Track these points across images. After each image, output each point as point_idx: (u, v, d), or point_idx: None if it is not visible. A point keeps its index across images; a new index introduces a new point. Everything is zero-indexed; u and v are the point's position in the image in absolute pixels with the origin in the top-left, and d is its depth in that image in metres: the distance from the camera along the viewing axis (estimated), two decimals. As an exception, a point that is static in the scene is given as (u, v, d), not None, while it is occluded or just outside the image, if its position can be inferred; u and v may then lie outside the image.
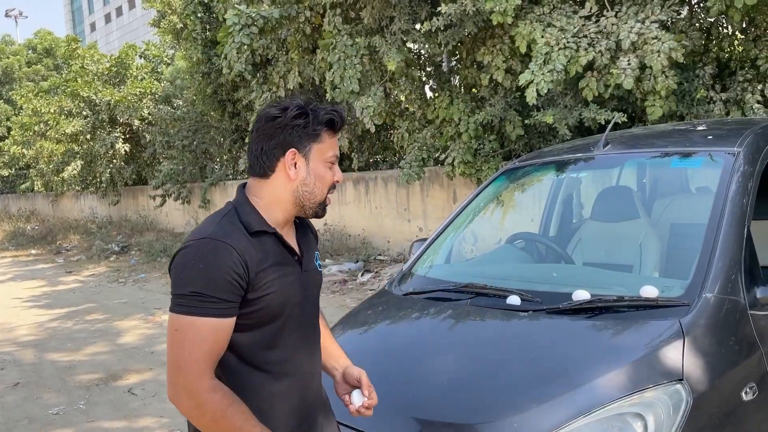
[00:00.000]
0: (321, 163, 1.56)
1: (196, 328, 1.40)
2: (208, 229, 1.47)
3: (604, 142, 2.88)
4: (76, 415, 4.62)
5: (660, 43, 5.34)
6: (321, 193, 1.58)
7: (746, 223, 2.25)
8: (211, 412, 1.40)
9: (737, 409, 1.93)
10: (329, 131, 1.57)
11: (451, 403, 1.90)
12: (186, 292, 1.41)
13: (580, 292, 2.19)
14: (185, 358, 1.40)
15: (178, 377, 1.41)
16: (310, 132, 1.53)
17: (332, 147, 1.58)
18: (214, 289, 1.40)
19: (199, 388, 1.39)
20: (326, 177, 1.58)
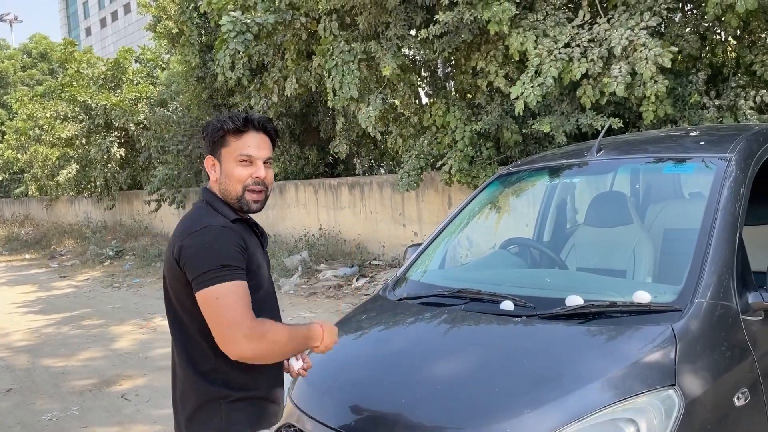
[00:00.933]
0: (231, 163, 1.82)
1: (235, 290, 1.67)
2: (202, 221, 1.75)
3: (597, 148, 2.90)
4: (69, 421, 4.60)
5: (647, 50, 5.37)
6: (235, 189, 1.82)
7: (738, 229, 2.26)
8: (271, 335, 1.69)
9: (729, 415, 1.93)
10: (234, 135, 1.82)
11: (444, 408, 1.90)
12: (214, 266, 1.66)
13: (573, 297, 2.20)
14: (237, 314, 1.65)
15: (238, 331, 1.64)
16: (217, 139, 1.84)
17: (240, 147, 1.82)
18: (233, 260, 1.69)
19: (257, 329, 1.66)
20: (234, 173, 1.82)
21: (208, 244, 1.69)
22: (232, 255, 1.69)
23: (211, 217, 1.77)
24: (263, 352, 1.69)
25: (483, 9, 5.85)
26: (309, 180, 11.63)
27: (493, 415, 1.81)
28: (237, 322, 1.65)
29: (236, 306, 1.65)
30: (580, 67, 5.70)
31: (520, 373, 1.97)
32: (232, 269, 1.68)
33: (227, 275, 1.66)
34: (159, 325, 7.31)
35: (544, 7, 6.48)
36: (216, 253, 1.68)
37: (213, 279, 1.66)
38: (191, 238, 1.71)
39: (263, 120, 1.88)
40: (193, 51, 11.02)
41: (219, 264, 1.67)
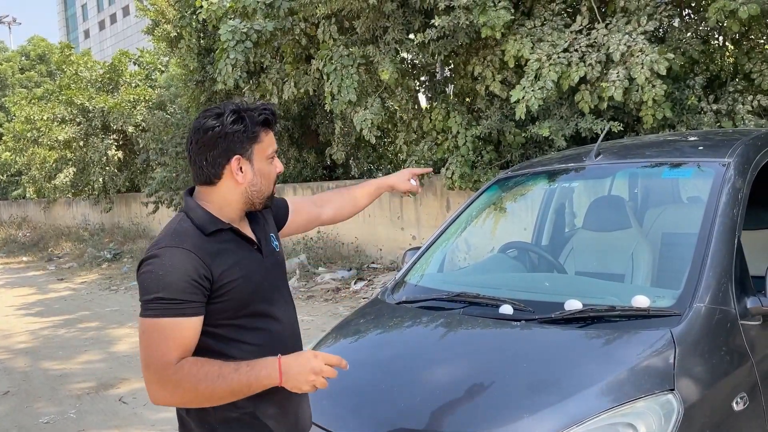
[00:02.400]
0: (263, 161, 1.66)
1: (160, 328, 1.49)
2: (165, 240, 1.57)
3: (595, 152, 2.90)
4: (66, 424, 4.59)
5: (644, 55, 5.39)
6: (268, 188, 1.69)
7: (737, 234, 2.27)
8: (189, 384, 1.47)
9: (728, 419, 1.93)
10: (266, 129, 1.65)
11: (443, 413, 1.90)
12: (150, 298, 1.50)
13: (572, 301, 2.20)
14: (152, 356, 1.49)
15: (149, 374, 1.49)
16: (250, 135, 1.62)
17: (271, 144, 1.67)
18: (174, 292, 1.49)
19: (166, 374, 1.47)
20: (271, 173, 1.68)
21: (154, 271, 1.51)
22: (175, 286, 1.49)
23: (178, 234, 1.57)
24: (181, 400, 1.51)
25: (479, 14, 5.87)
26: (307, 183, 11.63)
27: (492, 419, 1.81)
28: (151, 365, 1.49)
29: (157, 347, 1.48)
30: (579, 71, 5.72)
31: (519, 377, 1.98)
32: (169, 303, 1.49)
33: (159, 310, 1.49)
34: (157, 328, 7.29)
35: (542, 13, 6.50)
36: (158, 281, 1.50)
37: (146, 311, 1.51)
38: (147, 258, 1.55)
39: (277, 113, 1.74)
40: (191, 55, 11.03)
41: (155, 296, 1.49)
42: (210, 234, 1.60)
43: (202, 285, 1.53)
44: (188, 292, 1.50)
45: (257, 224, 1.77)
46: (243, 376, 1.49)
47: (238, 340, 1.61)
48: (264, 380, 1.51)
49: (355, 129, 8.66)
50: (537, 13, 6.57)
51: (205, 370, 1.48)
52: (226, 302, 1.58)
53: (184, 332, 1.50)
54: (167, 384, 1.48)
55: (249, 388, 1.51)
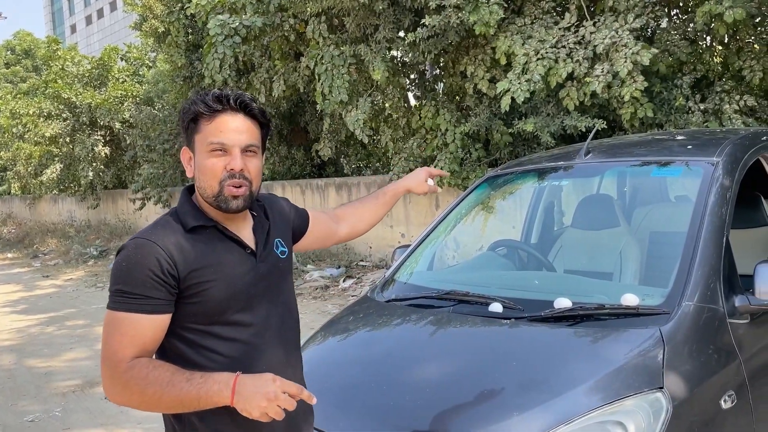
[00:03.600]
0: (203, 154, 1.49)
1: (118, 323, 1.42)
2: (141, 232, 1.50)
3: (585, 151, 2.90)
4: (51, 423, 4.54)
5: (627, 49, 5.43)
6: (209, 186, 1.49)
7: (725, 232, 2.28)
8: (136, 387, 1.38)
9: (716, 417, 1.94)
10: (206, 119, 1.48)
11: (432, 411, 1.89)
12: (113, 289, 1.44)
13: (561, 299, 2.20)
14: (107, 350, 1.42)
15: (104, 369, 1.42)
16: (190, 125, 1.51)
17: (213, 134, 1.48)
18: (134, 286, 1.41)
19: (116, 373, 1.39)
20: (207, 167, 1.48)
21: (120, 261, 1.45)
22: (137, 279, 1.41)
23: (156, 227, 1.50)
24: (130, 401, 1.41)
25: (470, 13, 5.87)
26: (296, 180, 11.59)
27: (481, 418, 1.81)
28: (105, 359, 1.42)
29: (113, 342, 1.41)
30: (566, 67, 5.74)
31: (509, 375, 1.97)
32: (129, 297, 1.41)
33: (119, 303, 1.41)
34: (144, 326, 7.24)
35: (532, 11, 6.52)
36: (121, 273, 1.43)
37: (109, 302, 1.44)
38: (120, 249, 1.49)
39: (242, 97, 1.51)
40: (179, 51, 10.94)
41: (117, 288, 1.43)
42: (190, 230, 1.49)
43: (166, 282, 1.42)
44: (148, 287, 1.41)
45: (260, 226, 1.63)
46: (193, 387, 1.36)
47: (208, 348, 1.49)
48: (214, 396, 1.36)
49: (344, 126, 8.64)
50: (527, 12, 6.58)
51: (156, 374, 1.38)
52: (197, 305, 1.46)
53: (140, 329, 1.41)
54: (117, 382, 1.40)
55: (198, 401, 1.37)
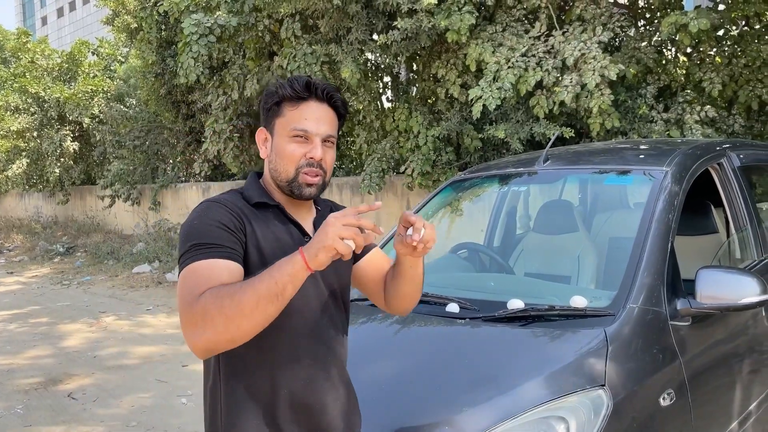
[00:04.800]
0: (283, 138, 1.51)
1: (193, 271, 1.37)
2: (208, 198, 1.52)
3: (544, 158, 3.01)
4: (12, 420, 4.50)
5: (596, 62, 5.58)
6: (285, 170, 1.51)
7: (670, 239, 2.39)
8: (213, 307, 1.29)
9: (656, 414, 2.04)
10: (291, 103, 1.51)
11: (388, 406, 1.95)
12: (185, 249, 1.41)
13: (514, 301, 2.29)
14: (183, 296, 1.35)
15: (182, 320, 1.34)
16: (272, 108, 1.53)
17: (296, 120, 1.50)
18: (209, 237, 1.40)
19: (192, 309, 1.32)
20: (286, 151, 1.50)
21: (189, 223, 1.45)
22: (208, 230, 1.41)
23: (221, 196, 1.53)
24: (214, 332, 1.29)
25: (442, 19, 5.97)
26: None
27: (433, 412, 1.88)
28: (183, 305, 1.35)
29: (188, 287, 1.35)
30: (535, 75, 5.87)
31: (461, 372, 2.05)
32: (207, 246, 1.39)
33: (194, 256, 1.38)
34: (109, 324, 7.19)
35: (504, 19, 6.64)
36: (192, 231, 1.42)
37: (182, 263, 1.40)
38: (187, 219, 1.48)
39: (329, 88, 1.54)
40: (151, 48, 10.85)
41: (190, 244, 1.40)
42: (254, 205, 1.52)
43: (237, 236, 1.43)
44: (223, 237, 1.40)
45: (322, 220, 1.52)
46: (266, 279, 1.29)
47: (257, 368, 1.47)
48: (290, 273, 1.29)
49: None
50: (498, 19, 6.70)
51: (227, 286, 1.32)
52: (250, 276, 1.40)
53: (216, 272, 1.36)
54: (196, 318, 1.30)
55: (279, 287, 1.28)
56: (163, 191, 13.26)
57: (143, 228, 13.43)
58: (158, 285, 9.45)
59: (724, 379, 2.44)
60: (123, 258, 11.53)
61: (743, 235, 2.95)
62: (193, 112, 11.78)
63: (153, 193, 13.21)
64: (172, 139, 12.97)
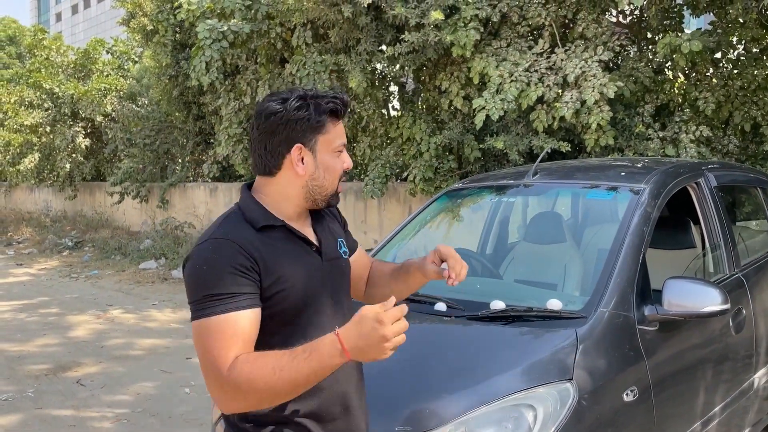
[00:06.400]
0: (329, 154, 1.52)
1: (213, 328, 1.36)
2: (209, 232, 1.48)
3: (533, 172, 3.23)
4: (24, 402, 4.73)
5: (596, 80, 5.81)
6: (332, 184, 1.54)
7: (643, 250, 2.60)
8: (246, 385, 1.33)
9: (619, 408, 2.25)
10: (333, 119, 1.52)
11: (375, 391, 2.16)
12: (199, 297, 1.39)
13: (496, 302, 2.50)
14: (208, 361, 1.36)
15: (209, 381, 1.38)
16: (314, 124, 1.48)
17: (339, 135, 1.53)
18: (223, 285, 1.37)
19: (223, 380, 1.34)
20: (335, 167, 1.53)
21: (199, 267, 1.41)
22: (221, 279, 1.37)
23: (224, 226, 1.48)
24: (245, 404, 1.37)
25: (448, 34, 6.21)
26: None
27: (415, 398, 2.10)
28: (209, 370, 1.37)
29: (210, 348, 1.36)
30: (537, 90, 6.10)
31: (444, 364, 2.27)
32: (220, 299, 1.37)
33: (210, 308, 1.37)
34: (116, 317, 7.43)
35: (509, 35, 6.88)
36: (203, 278, 1.39)
37: (195, 312, 1.39)
38: (190, 257, 1.45)
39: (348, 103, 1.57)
40: (165, 51, 11.13)
41: (204, 294, 1.38)
42: (260, 229, 1.47)
43: (252, 277, 1.41)
44: (239, 283, 1.38)
45: (321, 224, 1.64)
46: (303, 365, 1.31)
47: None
48: (328, 364, 1.32)
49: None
50: (503, 35, 6.93)
51: (258, 366, 1.33)
52: (272, 308, 1.45)
53: (239, 328, 1.37)
54: (227, 389, 1.34)
55: (314, 376, 1.33)
56: (171, 190, 13.53)
57: (151, 225, 13.70)
58: (164, 281, 9.68)
59: (688, 382, 2.64)
60: (130, 254, 11.78)
61: (717, 250, 3.15)
62: (203, 113, 12.05)
63: (161, 191, 13.48)
64: (182, 139, 13.24)
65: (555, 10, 6.62)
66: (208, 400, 4.43)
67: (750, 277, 3.20)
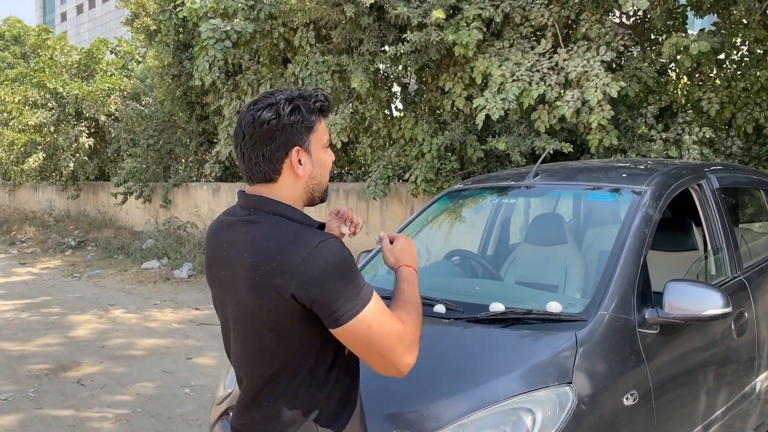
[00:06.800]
0: (320, 150, 1.57)
1: (378, 307, 1.45)
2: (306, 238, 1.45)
3: (534, 173, 3.21)
4: (24, 402, 4.73)
5: (598, 80, 5.78)
6: (326, 179, 1.60)
7: (644, 252, 2.58)
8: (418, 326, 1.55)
9: (619, 412, 2.23)
10: (320, 117, 1.57)
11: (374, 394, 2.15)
12: (351, 291, 1.42)
13: (495, 304, 2.48)
14: (393, 334, 1.46)
15: (399, 352, 1.48)
16: (308, 125, 1.52)
17: (325, 132, 1.59)
18: (359, 275, 1.46)
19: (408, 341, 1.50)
20: (327, 162, 1.59)
21: (334, 266, 1.41)
22: (356, 267, 1.46)
23: (308, 229, 1.49)
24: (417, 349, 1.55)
25: (450, 33, 6.19)
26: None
27: (413, 401, 2.08)
28: (396, 341, 1.46)
29: (388, 324, 1.45)
30: (538, 89, 6.08)
31: (443, 367, 2.25)
32: (363, 284, 1.45)
33: (366, 295, 1.44)
34: (118, 317, 7.43)
35: (511, 35, 6.85)
36: (345, 273, 1.42)
37: (355, 306, 1.41)
38: (313, 261, 1.40)
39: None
40: (168, 50, 11.14)
41: (354, 285, 1.42)
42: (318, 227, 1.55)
43: None
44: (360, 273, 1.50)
45: None
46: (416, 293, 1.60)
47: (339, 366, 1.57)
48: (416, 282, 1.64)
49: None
50: (506, 35, 6.91)
51: (409, 313, 1.53)
52: None
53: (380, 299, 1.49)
54: (413, 344, 1.51)
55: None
56: (174, 190, 13.54)
57: (153, 225, 13.70)
58: (166, 281, 9.68)
59: (689, 385, 2.62)
60: (133, 253, 11.78)
61: (719, 252, 3.13)
62: (206, 113, 12.06)
63: (164, 191, 13.49)
64: (185, 139, 13.25)
65: (558, 10, 6.59)
66: (208, 400, 4.42)
67: (752, 280, 3.18)
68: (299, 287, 1.40)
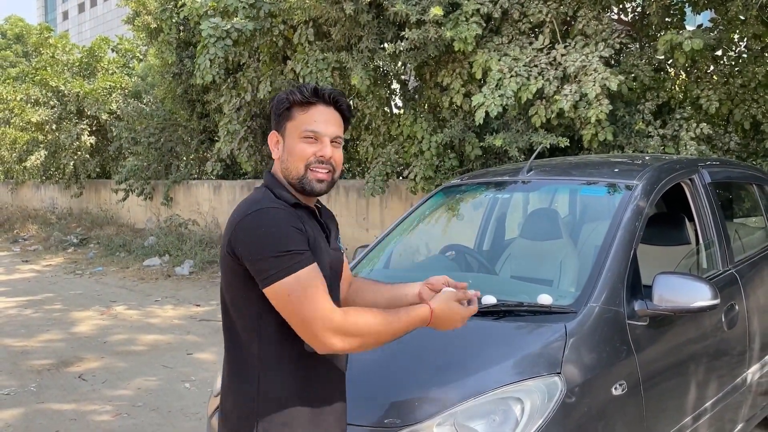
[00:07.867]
0: (295, 139, 1.65)
1: (306, 280, 1.50)
2: (254, 206, 1.58)
3: (527, 168, 3.25)
4: (26, 397, 4.79)
5: (597, 74, 5.81)
6: (296, 168, 1.64)
7: (634, 246, 2.62)
8: (355, 332, 1.54)
9: (607, 402, 2.26)
10: (300, 108, 1.65)
11: (365, 383, 2.20)
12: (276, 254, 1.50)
13: (488, 297, 2.51)
14: (311, 310, 1.50)
15: (317, 327, 1.50)
16: (283, 113, 1.67)
17: (306, 122, 1.64)
18: (295, 243, 1.52)
19: (334, 324, 1.51)
20: (296, 150, 1.64)
21: (265, 229, 1.52)
22: (293, 237, 1.52)
23: (265, 200, 1.60)
24: (354, 346, 1.55)
25: (448, 29, 6.23)
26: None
27: (405, 390, 2.13)
28: (317, 318, 1.50)
29: (312, 298, 1.50)
30: (537, 83, 6.11)
31: (434, 357, 2.29)
32: (298, 254, 1.51)
33: (293, 264, 1.50)
34: (119, 313, 7.48)
35: (510, 31, 6.88)
36: (275, 238, 1.51)
37: (279, 271, 1.49)
38: (244, 223, 1.55)
39: (335, 93, 1.69)
40: (170, 49, 11.17)
41: (281, 251, 1.50)
42: (293, 206, 1.62)
43: (305, 237, 1.56)
44: (302, 241, 1.54)
45: (326, 216, 1.80)
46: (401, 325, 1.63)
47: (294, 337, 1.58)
48: (418, 324, 1.68)
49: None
50: (505, 31, 6.94)
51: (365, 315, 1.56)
52: None
53: (320, 275, 1.54)
54: (336, 333, 1.50)
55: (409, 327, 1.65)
56: (175, 187, 13.59)
57: (155, 222, 13.76)
58: (167, 278, 9.74)
59: (679, 377, 2.66)
60: (134, 251, 11.84)
61: (711, 246, 3.16)
62: (207, 111, 12.09)
63: (165, 188, 13.54)
64: (186, 136, 13.29)
65: (556, 7, 6.62)
66: (207, 394, 4.47)
67: (744, 274, 3.22)
68: (231, 243, 1.57)
